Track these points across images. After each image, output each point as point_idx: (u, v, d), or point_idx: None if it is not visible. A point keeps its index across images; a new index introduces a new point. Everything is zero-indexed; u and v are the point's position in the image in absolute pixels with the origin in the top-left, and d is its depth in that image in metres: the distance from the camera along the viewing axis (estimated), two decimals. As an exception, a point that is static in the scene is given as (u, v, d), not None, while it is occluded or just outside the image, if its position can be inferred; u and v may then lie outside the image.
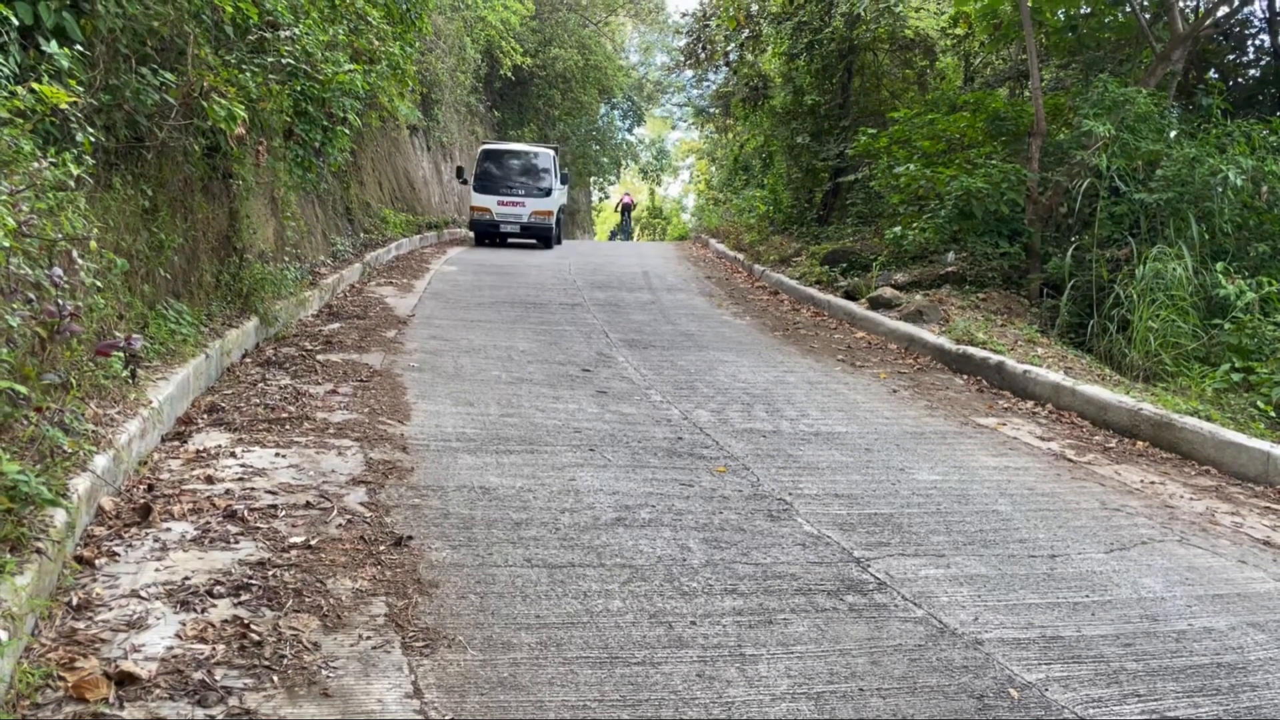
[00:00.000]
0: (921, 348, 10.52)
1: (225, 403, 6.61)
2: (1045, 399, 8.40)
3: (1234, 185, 10.14)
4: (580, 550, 4.55)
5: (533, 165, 22.88)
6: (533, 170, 22.74)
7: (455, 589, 4.01)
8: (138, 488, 4.80)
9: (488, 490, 5.31)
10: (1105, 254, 10.90)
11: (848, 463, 6.39)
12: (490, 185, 22.22)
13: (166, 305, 7.11)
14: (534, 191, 22.35)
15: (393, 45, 10.31)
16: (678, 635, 3.77)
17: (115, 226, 6.19)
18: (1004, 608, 4.24)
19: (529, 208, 22.00)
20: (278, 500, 4.84)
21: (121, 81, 6.08)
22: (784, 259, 17.33)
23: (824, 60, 18.84)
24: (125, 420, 5.07)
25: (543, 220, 22.14)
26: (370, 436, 6.13)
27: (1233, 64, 15.32)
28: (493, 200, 21.93)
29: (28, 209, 4.15)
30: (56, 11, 5.55)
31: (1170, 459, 6.96)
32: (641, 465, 6.02)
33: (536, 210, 22.10)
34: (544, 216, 22.17)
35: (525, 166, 22.74)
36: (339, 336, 9.62)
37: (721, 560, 4.56)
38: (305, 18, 7.99)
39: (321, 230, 14.76)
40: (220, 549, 4.18)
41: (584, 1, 37.93)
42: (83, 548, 4.02)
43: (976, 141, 14.37)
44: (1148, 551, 5.08)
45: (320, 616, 3.64)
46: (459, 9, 26.70)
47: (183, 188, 7.60)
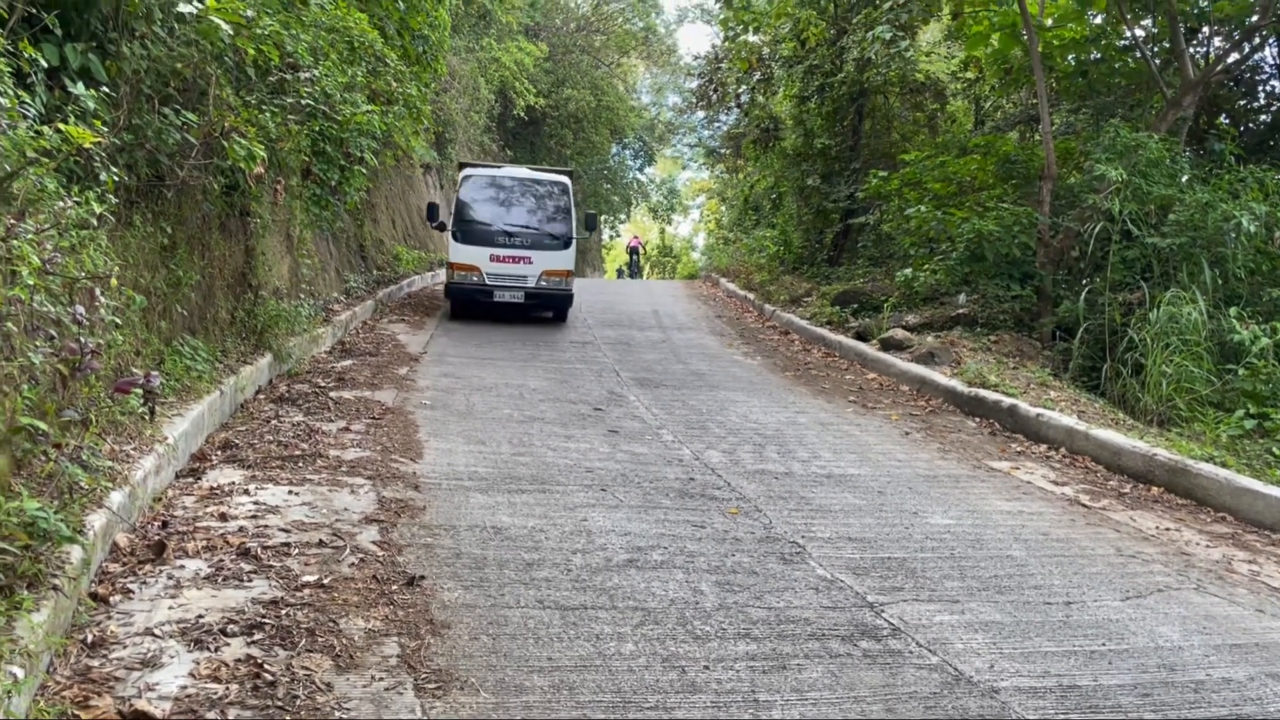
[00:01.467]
0: (933, 390, 10.51)
1: (239, 439, 6.63)
2: (1058, 443, 8.36)
3: (1247, 231, 10.15)
4: (592, 592, 4.54)
5: (541, 200, 15.28)
6: (542, 208, 15.24)
7: (468, 630, 4.00)
8: (152, 524, 4.81)
9: (500, 530, 5.30)
10: (1118, 298, 10.90)
11: (860, 505, 6.37)
12: (478, 231, 14.69)
13: (182, 342, 7.16)
14: (544, 240, 14.80)
15: (410, 86, 10.45)
16: (691, 680, 3.74)
17: (134, 263, 6.26)
18: (1020, 655, 4.21)
19: (538, 265, 14.60)
20: (291, 538, 4.84)
21: (144, 121, 6.17)
22: (794, 299, 17.37)
23: (835, 103, 19.00)
24: (140, 456, 5.09)
25: (558, 284, 14.80)
26: (383, 474, 6.14)
27: (1244, 109, 15.39)
28: (482, 255, 14.50)
29: (51, 247, 4.20)
30: (82, 53, 5.66)
31: (1185, 505, 6.91)
32: (653, 506, 6.00)
33: (550, 269, 14.67)
34: (559, 279, 14.75)
35: (531, 202, 15.26)
36: (351, 373, 9.66)
37: (734, 604, 4.53)
38: (324, 59, 8.11)
39: (335, 267, 14.87)
40: (234, 587, 4.18)
41: (597, 44, 38.42)
42: (97, 584, 4.02)
43: (987, 184, 14.43)
44: (1164, 599, 5.03)
45: (333, 657, 3.63)
46: (474, 50, 27.07)
47: (201, 225, 7.68)
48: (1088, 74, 14.36)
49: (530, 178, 15.58)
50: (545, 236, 14.87)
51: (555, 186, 15.40)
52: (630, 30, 39.38)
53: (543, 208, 15.22)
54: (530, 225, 14.93)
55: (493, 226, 14.73)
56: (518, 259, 14.55)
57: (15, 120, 4.33)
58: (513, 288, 14.56)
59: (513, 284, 14.55)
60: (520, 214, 15.07)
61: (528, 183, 15.47)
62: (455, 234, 14.67)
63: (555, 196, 15.28)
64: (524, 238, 14.69)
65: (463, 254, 14.66)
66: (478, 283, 14.56)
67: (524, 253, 14.58)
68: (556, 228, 15.06)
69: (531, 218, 15.07)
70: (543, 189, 15.37)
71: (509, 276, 14.54)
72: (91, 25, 5.93)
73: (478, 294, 14.58)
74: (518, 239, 14.63)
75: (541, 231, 14.91)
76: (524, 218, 15.03)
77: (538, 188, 15.41)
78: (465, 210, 14.97)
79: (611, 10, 38.98)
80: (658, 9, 41.18)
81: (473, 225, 14.77)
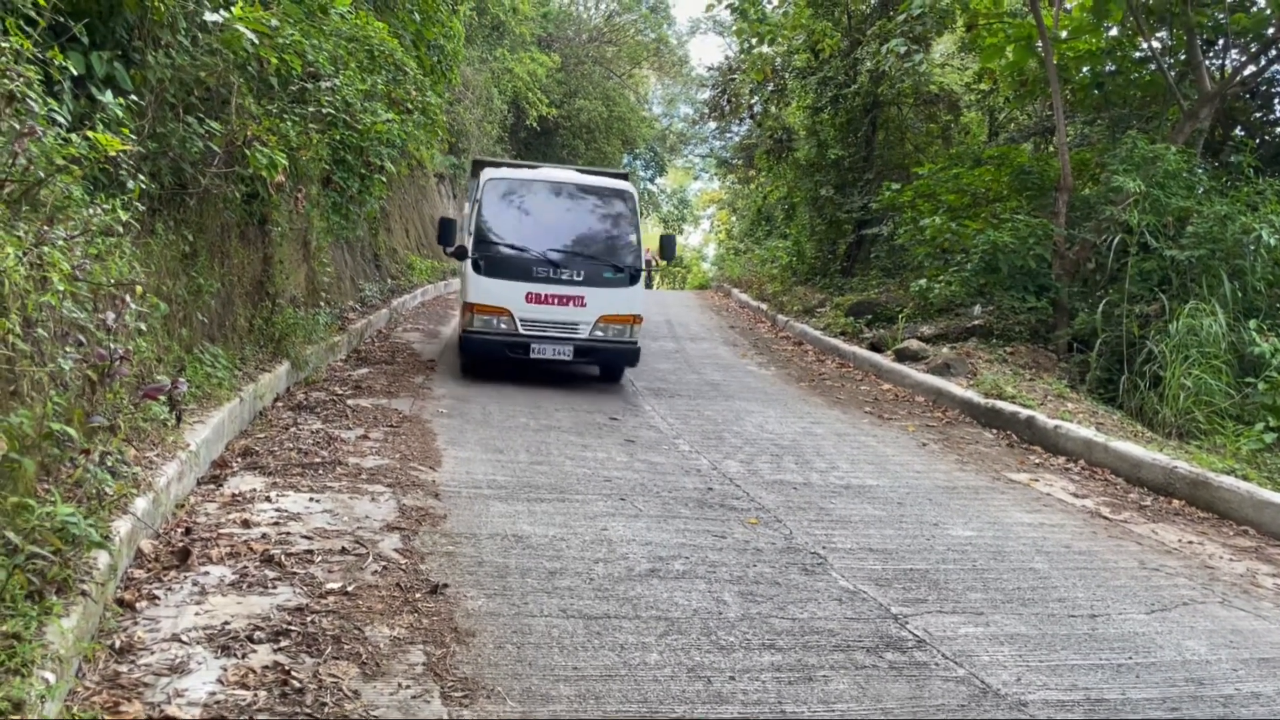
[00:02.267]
0: (949, 401, 10.47)
1: (259, 446, 6.64)
2: (1077, 455, 8.32)
3: (1267, 244, 10.11)
4: (615, 601, 4.52)
5: (597, 216, 11.03)
6: (599, 227, 10.96)
7: (492, 638, 3.99)
8: (175, 530, 4.82)
9: (520, 538, 5.29)
10: (1135, 309, 10.86)
11: (880, 516, 6.34)
12: (509, 260, 10.51)
13: (203, 349, 7.19)
14: (603, 273, 10.61)
15: (429, 95, 10.50)
16: (717, 690, 3.72)
17: (157, 271, 6.28)
18: (1046, 668, 4.18)
19: (594, 308, 10.47)
20: (313, 545, 4.84)
21: (168, 130, 6.21)
22: (808, 310, 17.36)
23: (848, 114, 19.01)
24: (164, 463, 5.10)
25: (620, 334, 10.63)
26: (402, 482, 6.14)
27: (1259, 121, 15.34)
28: (514, 293, 10.43)
29: (80, 254, 4.22)
30: (108, 62, 5.69)
31: (1207, 518, 6.87)
32: (673, 515, 5.99)
33: (610, 314, 10.53)
34: (622, 326, 10.63)
35: (582, 219, 10.97)
36: (368, 381, 9.67)
37: (758, 614, 4.52)
38: (345, 68, 8.15)
39: (350, 276, 14.92)
40: (258, 594, 4.18)
41: (609, 54, 38.52)
42: (123, 590, 4.02)
43: (1001, 196, 14.40)
44: (1190, 613, 5.00)
45: (359, 664, 3.63)
46: (487, 61, 27.18)
47: (221, 233, 7.71)
48: (1103, 86, 14.34)
49: (581, 184, 11.00)
50: (604, 267, 10.46)
51: (615, 197, 10.87)
52: (642, 41, 39.49)
53: (600, 226, 10.79)
54: (584, 251, 10.52)
55: (530, 253, 10.31)
56: (566, 299, 10.24)
57: (45, 127, 4.36)
58: (558, 339, 10.24)
59: (558, 334, 10.25)
60: (568, 235, 10.60)
61: (577, 191, 10.90)
62: (477, 263, 10.35)
63: (616, 211, 10.82)
64: (575, 269, 10.34)
65: (486, 291, 10.23)
66: (507, 331, 10.21)
67: (575, 290, 10.28)
68: (620, 255, 10.62)
69: (584, 240, 10.64)
70: (598, 200, 10.87)
71: (553, 324, 10.24)
72: (117, 34, 5.97)
73: (506, 347, 10.19)
74: (566, 271, 10.29)
75: (599, 261, 10.49)
76: (574, 241, 10.58)
77: (591, 198, 10.86)
78: (489, 229, 10.45)
79: (623, 22, 39.11)
80: (669, 20, 41.33)
81: (501, 251, 10.37)
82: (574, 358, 10.41)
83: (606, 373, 11.36)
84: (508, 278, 10.28)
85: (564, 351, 10.33)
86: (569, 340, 10.35)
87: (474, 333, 10.42)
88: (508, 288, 10.28)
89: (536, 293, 10.27)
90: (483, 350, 10.42)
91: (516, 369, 10.90)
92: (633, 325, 10.60)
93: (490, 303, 10.32)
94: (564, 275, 10.33)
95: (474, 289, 10.43)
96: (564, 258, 10.42)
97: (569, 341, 10.35)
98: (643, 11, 38.84)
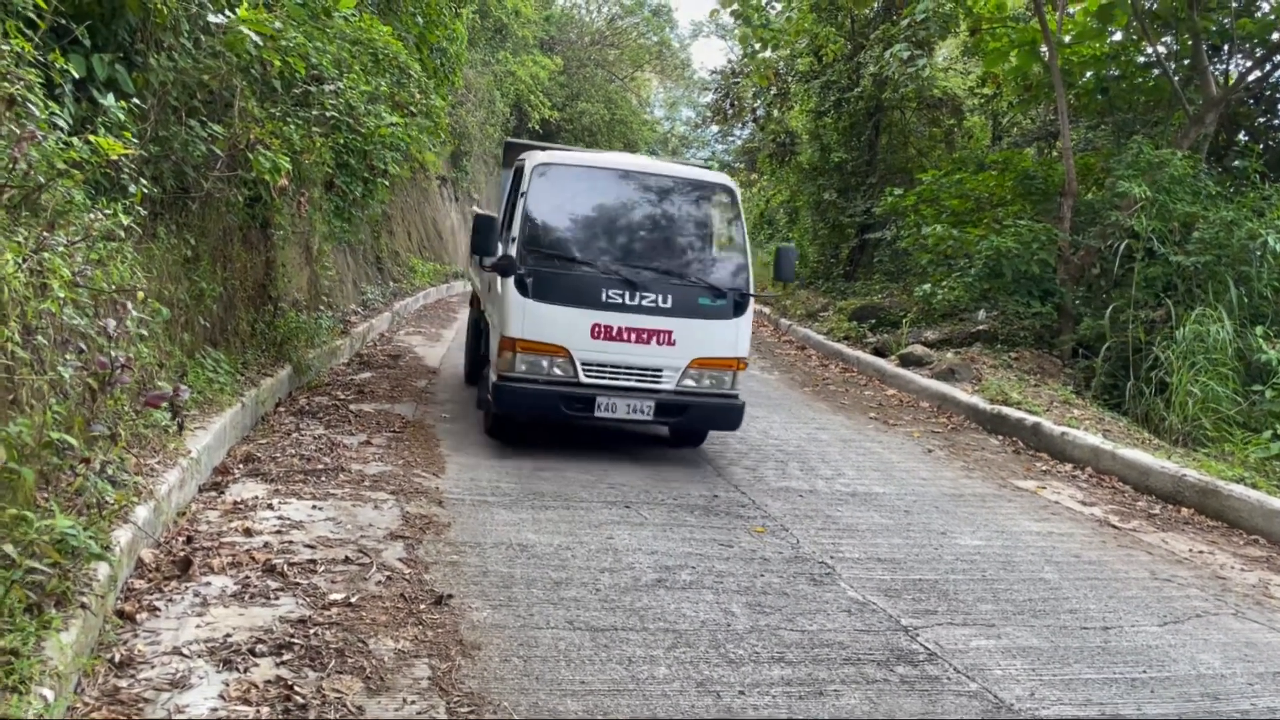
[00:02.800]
0: (954, 407, 10.42)
1: (261, 453, 6.58)
2: (1084, 462, 8.26)
3: (1274, 249, 10.05)
4: (622, 613, 4.46)
5: (688, 223, 7.94)
6: (691, 237, 7.94)
7: (498, 651, 3.93)
8: (176, 539, 4.76)
9: (525, 548, 5.23)
10: (1140, 315, 10.80)
11: (888, 525, 6.28)
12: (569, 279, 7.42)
13: (204, 354, 7.13)
14: (697, 300, 7.61)
15: (434, 98, 10.44)
16: (727, 705, 3.66)
17: (158, 275, 6.22)
18: (1060, 682, 4.12)
19: (684, 346, 7.53)
20: (316, 555, 4.78)
21: (171, 133, 6.15)
22: (811, 314, 17.30)
23: (851, 118, 18.96)
24: (165, 470, 5.04)
25: (718, 383, 7.70)
26: (406, 490, 6.08)
27: (1263, 127, 15.29)
28: (575, 324, 7.34)
29: (81, 259, 4.17)
30: (110, 64, 5.64)
31: (1217, 527, 6.81)
32: (679, 524, 5.93)
33: (706, 357, 7.60)
34: (722, 373, 7.71)
35: (667, 226, 7.89)
36: (370, 386, 9.62)
37: (767, 626, 4.46)
38: (349, 71, 8.09)
39: (352, 279, 14.87)
40: (261, 605, 4.12)
41: (611, 58, 38.50)
42: (123, 601, 3.97)
43: (1005, 200, 14.35)
44: (1203, 625, 4.93)
45: (363, 678, 3.57)
46: (490, 64, 27.15)
47: (222, 237, 7.65)
48: (1107, 91, 14.29)
49: (666, 174, 7.96)
50: (700, 291, 7.50)
51: (714, 193, 7.88)
52: (644, 44, 39.48)
53: (693, 234, 7.81)
54: (671, 268, 7.56)
55: (598, 269, 7.37)
56: (647, 334, 7.32)
57: (46, 131, 4.30)
58: (634, 390, 7.35)
59: (635, 383, 7.36)
60: (649, 245, 7.68)
61: (661, 185, 7.86)
62: (523, 282, 7.23)
63: (714, 213, 7.86)
64: (660, 293, 7.36)
65: (536, 322, 7.24)
66: (564, 380, 7.27)
67: (660, 322, 7.34)
68: (721, 274, 7.65)
69: (672, 253, 7.71)
70: (690, 197, 7.85)
71: (627, 370, 7.35)
72: (119, 36, 5.92)
73: (561, 401, 7.24)
74: (649, 295, 7.32)
75: (693, 282, 7.53)
76: (657, 253, 7.64)
77: (680, 195, 7.83)
78: (540, 235, 7.44)
79: (626, 25, 39.10)
80: (672, 24, 41.34)
81: (558, 266, 7.36)
82: (654, 416, 7.34)
83: (686, 437, 8.34)
84: (566, 303, 7.19)
85: (642, 409, 7.28)
86: (649, 393, 7.32)
87: (516, 381, 7.20)
88: (566, 318, 7.18)
89: (606, 325, 7.19)
90: (528, 405, 7.27)
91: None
92: (735, 372, 7.62)
93: (541, 339, 7.17)
94: (646, 301, 7.26)
95: (517, 318, 7.18)
96: (645, 277, 7.34)
97: (649, 395, 7.30)
98: (645, 15, 38.83)
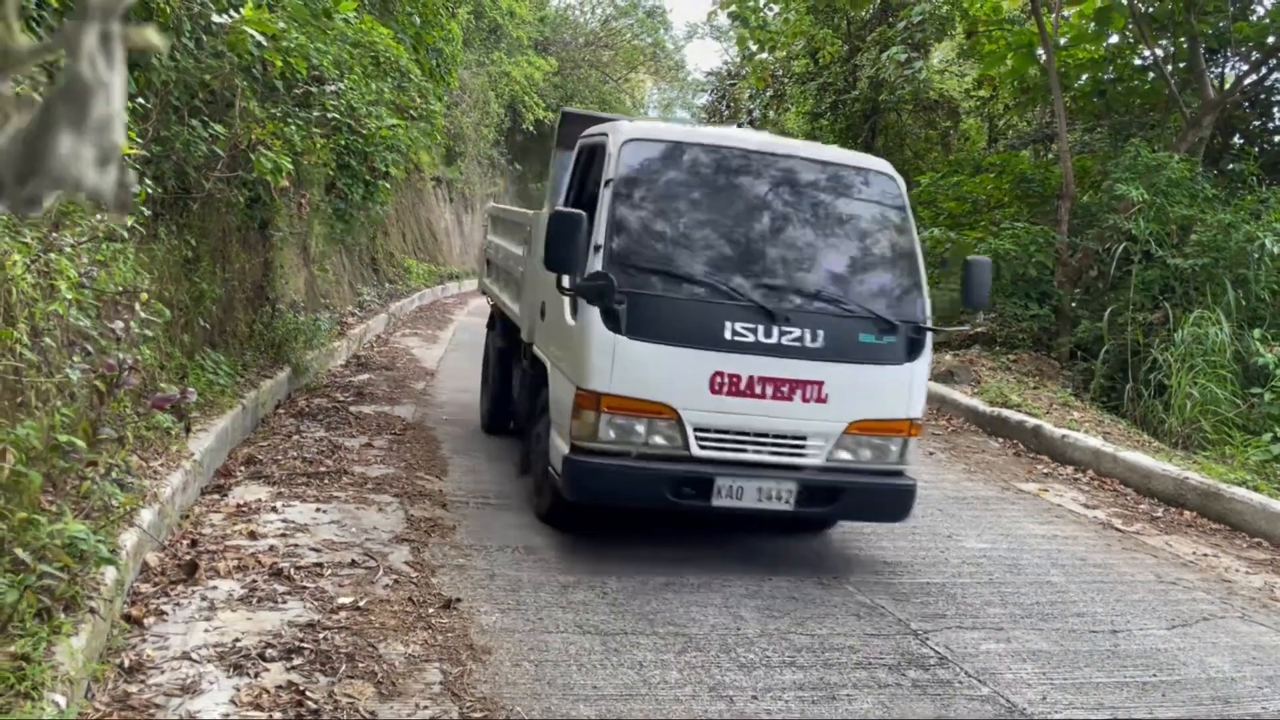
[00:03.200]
0: (954, 409, 10.42)
1: (262, 455, 6.54)
2: (1085, 464, 8.27)
3: (1271, 252, 10.08)
4: (631, 617, 4.44)
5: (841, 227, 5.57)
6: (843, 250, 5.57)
7: (509, 656, 3.90)
8: (181, 543, 4.72)
9: (531, 550, 5.21)
10: (1138, 318, 10.82)
11: (892, 527, 6.26)
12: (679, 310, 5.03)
13: (204, 355, 7.08)
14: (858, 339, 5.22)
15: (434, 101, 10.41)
16: (740, 710, 3.65)
17: (160, 276, 6.18)
18: (1071, 686, 4.11)
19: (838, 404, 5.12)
20: (322, 558, 4.75)
21: (172, 133, 6.11)
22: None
23: (848, 120, 18.96)
24: (168, 473, 5.00)
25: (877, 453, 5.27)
26: (409, 492, 6.05)
27: (1259, 130, 15.34)
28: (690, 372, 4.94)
29: (87, 260, 4.13)
30: (113, 64, 5.60)
31: (1220, 530, 6.81)
32: (684, 524, 5.90)
33: (866, 420, 5.21)
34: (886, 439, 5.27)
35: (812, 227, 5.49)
36: (369, 388, 9.57)
37: (776, 630, 4.44)
38: (349, 73, 8.06)
39: (349, 280, 14.82)
40: (268, 609, 4.08)
41: (605, 59, 38.46)
42: (130, 606, 3.93)
43: (1002, 203, 14.36)
44: (1211, 628, 4.93)
45: (375, 683, 3.54)
46: (484, 64, 27.09)
47: (222, 237, 7.61)
48: (1104, 93, 14.32)
49: (811, 158, 5.71)
50: (861, 324, 5.32)
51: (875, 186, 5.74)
52: (638, 46, 39.45)
53: (846, 243, 5.68)
54: (819, 290, 5.37)
55: (718, 289, 5.14)
56: (789, 386, 5.10)
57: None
58: (768, 467, 5.15)
59: (769, 456, 5.17)
60: (787, 258, 5.43)
61: (801, 175, 5.62)
62: (614, 309, 4.96)
63: (875, 215, 5.74)
64: (807, 326, 5.14)
65: (632, 368, 4.99)
66: (668, 451, 5.07)
67: (805, 368, 5.11)
68: (887, 297, 5.50)
69: (818, 269, 5.50)
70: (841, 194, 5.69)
71: (759, 437, 5.16)
72: None
73: (666, 484, 5.01)
74: (792, 330, 5.10)
75: (850, 312, 5.31)
76: (798, 269, 5.43)
77: (828, 192, 5.65)
78: (636, 242, 5.25)
79: (620, 26, 39.06)
80: (666, 25, 41.26)
81: (662, 287, 5.14)
82: (797, 505, 5.10)
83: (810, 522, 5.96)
84: (675, 342, 4.96)
85: (780, 494, 5.05)
86: (789, 471, 5.09)
87: (600, 455, 4.97)
88: (675, 363, 4.97)
89: (733, 374, 4.98)
90: (617, 489, 5.06)
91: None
92: (907, 439, 5.34)
93: (639, 393, 4.96)
94: (788, 339, 5.03)
95: (604, 364, 4.94)
96: (785, 303, 5.13)
97: (789, 474, 5.08)
98: (639, 16, 38.80)
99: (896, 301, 5.39)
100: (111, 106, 0.76)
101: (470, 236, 29.45)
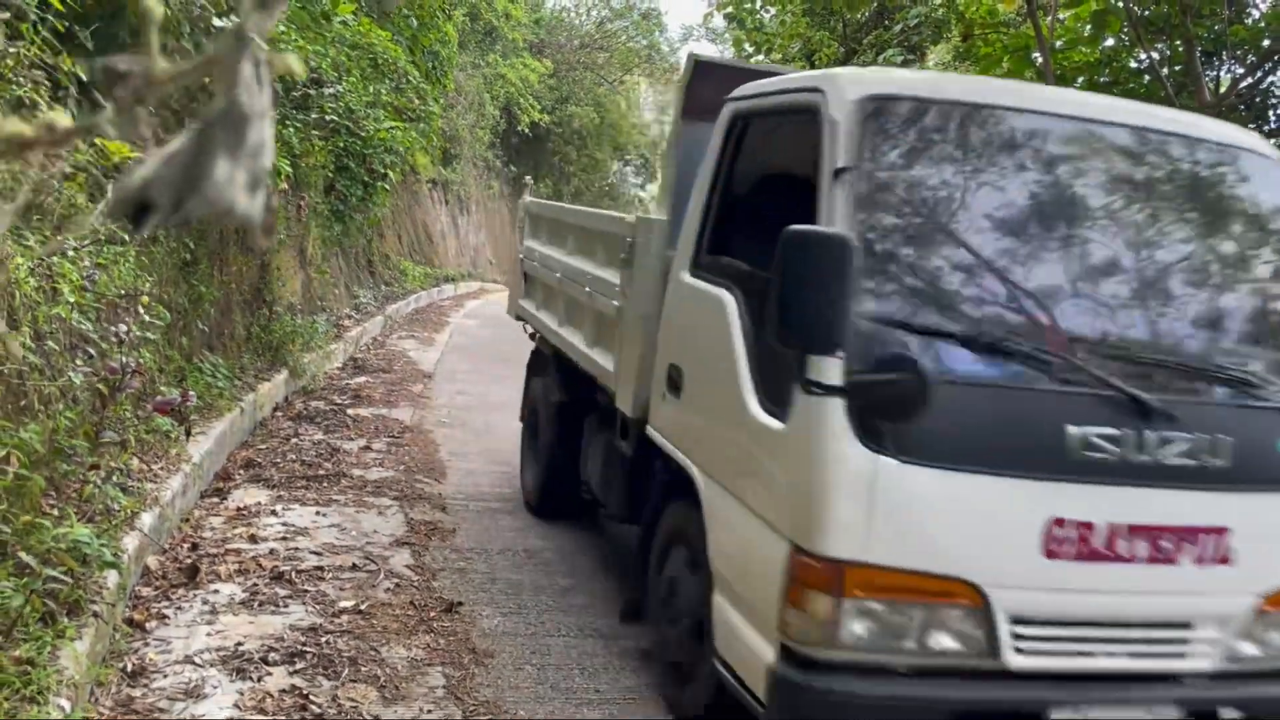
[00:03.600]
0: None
1: (261, 458, 6.53)
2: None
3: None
4: (633, 619, 4.44)
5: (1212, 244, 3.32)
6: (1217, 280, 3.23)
7: (511, 659, 3.91)
8: (181, 546, 4.72)
9: (532, 553, 5.22)
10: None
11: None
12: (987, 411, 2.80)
13: (203, 358, 7.07)
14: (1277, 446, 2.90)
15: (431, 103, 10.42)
16: (743, 713, 3.64)
17: (159, 279, 6.17)
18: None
19: (1249, 564, 2.88)
20: (323, 561, 4.74)
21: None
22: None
23: (844, 123, 18.98)
24: (168, 477, 4.99)
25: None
26: (408, 495, 6.05)
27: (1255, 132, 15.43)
28: (1009, 518, 2.74)
29: (89, 263, 4.13)
30: (112, 66, 5.59)
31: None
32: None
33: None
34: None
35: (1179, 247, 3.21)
36: (367, 390, 9.56)
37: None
38: (348, 75, 8.06)
39: (345, 282, 14.81)
40: (270, 613, 4.08)
41: (600, 61, 38.49)
42: (132, 609, 3.92)
43: (999, 206, 14.38)
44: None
45: (378, 687, 3.54)
46: (480, 67, 27.10)
47: (220, 240, 7.60)
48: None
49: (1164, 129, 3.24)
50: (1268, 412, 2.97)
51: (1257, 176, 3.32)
52: (633, 48, 39.49)
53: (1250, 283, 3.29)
54: (1220, 364, 3.04)
55: (1047, 363, 2.81)
56: (1175, 537, 2.83)
57: (52, 134, 4.26)
58: (1128, 680, 2.93)
59: (1128, 660, 2.91)
60: (1154, 309, 3.10)
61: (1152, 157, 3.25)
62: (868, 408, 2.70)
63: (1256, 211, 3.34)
64: (1198, 427, 2.83)
65: (907, 517, 2.72)
66: (962, 658, 2.79)
67: (1200, 505, 2.87)
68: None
69: (1209, 327, 3.16)
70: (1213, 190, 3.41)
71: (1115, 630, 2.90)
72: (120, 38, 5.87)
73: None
74: (1175, 433, 2.79)
75: (1270, 402, 2.98)
76: (1177, 326, 3.12)
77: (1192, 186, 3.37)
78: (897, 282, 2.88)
79: (615, 28, 39.10)
80: (661, 27, 41.32)
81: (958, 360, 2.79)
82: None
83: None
84: (983, 465, 2.78)
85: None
86: (1164, 686, 2.99)
87: (841, 670, 2.80)
88: (983, 504, 2.79)
89: (1085, 522, 2.80)
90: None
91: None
92: None
93: (917, 564, 2.76)
94: (1174, 453, 2.83)
95: (851, 508, 2.73)
96: (1166, 388, 2.93)
97: (1165, 691, 2.98)
98: (634, 18, 38.85)
99: None
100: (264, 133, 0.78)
101: (465, 239, 29.46)
